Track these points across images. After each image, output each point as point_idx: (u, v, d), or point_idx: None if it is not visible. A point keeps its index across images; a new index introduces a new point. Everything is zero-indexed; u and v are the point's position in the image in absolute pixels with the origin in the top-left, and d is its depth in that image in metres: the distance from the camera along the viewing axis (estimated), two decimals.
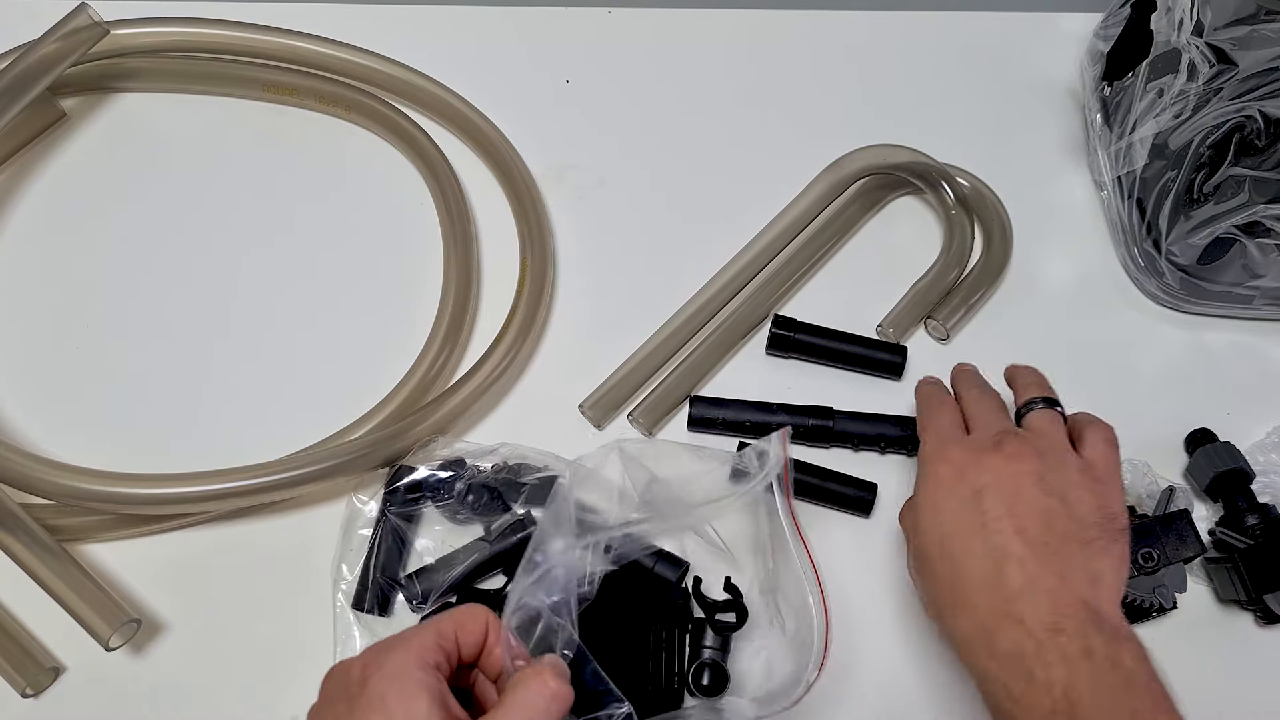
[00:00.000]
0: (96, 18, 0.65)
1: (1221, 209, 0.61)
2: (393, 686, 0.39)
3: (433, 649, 0.41)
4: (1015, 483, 0.48)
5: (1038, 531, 0.46)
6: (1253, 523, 0.57)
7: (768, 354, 0.65)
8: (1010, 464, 0.48)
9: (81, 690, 0.54)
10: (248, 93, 0.72)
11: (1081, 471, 0.49)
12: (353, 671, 0.41)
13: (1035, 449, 0.49)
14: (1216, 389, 0.65)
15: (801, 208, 0.69)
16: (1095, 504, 0.48)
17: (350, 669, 0.41)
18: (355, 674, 0.41)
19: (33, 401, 0.62)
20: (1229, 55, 0.58)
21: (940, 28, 0.78)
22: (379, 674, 0.40)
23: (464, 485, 0.57)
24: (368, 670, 0.40)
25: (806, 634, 0.51)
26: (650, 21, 0.77)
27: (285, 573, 0.57)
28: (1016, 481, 0.48)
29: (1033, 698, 0.42)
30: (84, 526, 0.57)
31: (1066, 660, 0.42)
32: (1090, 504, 0.48)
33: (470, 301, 0.64)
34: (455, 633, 0.43)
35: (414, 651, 0.41)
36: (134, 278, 0.66)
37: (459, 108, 0.71)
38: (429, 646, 0.41)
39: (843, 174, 0.69)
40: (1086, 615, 0.44)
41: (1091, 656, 0.42)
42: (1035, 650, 0.43)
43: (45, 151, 0.70)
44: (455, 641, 0.43)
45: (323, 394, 0.62)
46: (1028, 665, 0.43)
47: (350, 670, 0.41)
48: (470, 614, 0.44)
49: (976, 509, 0.47)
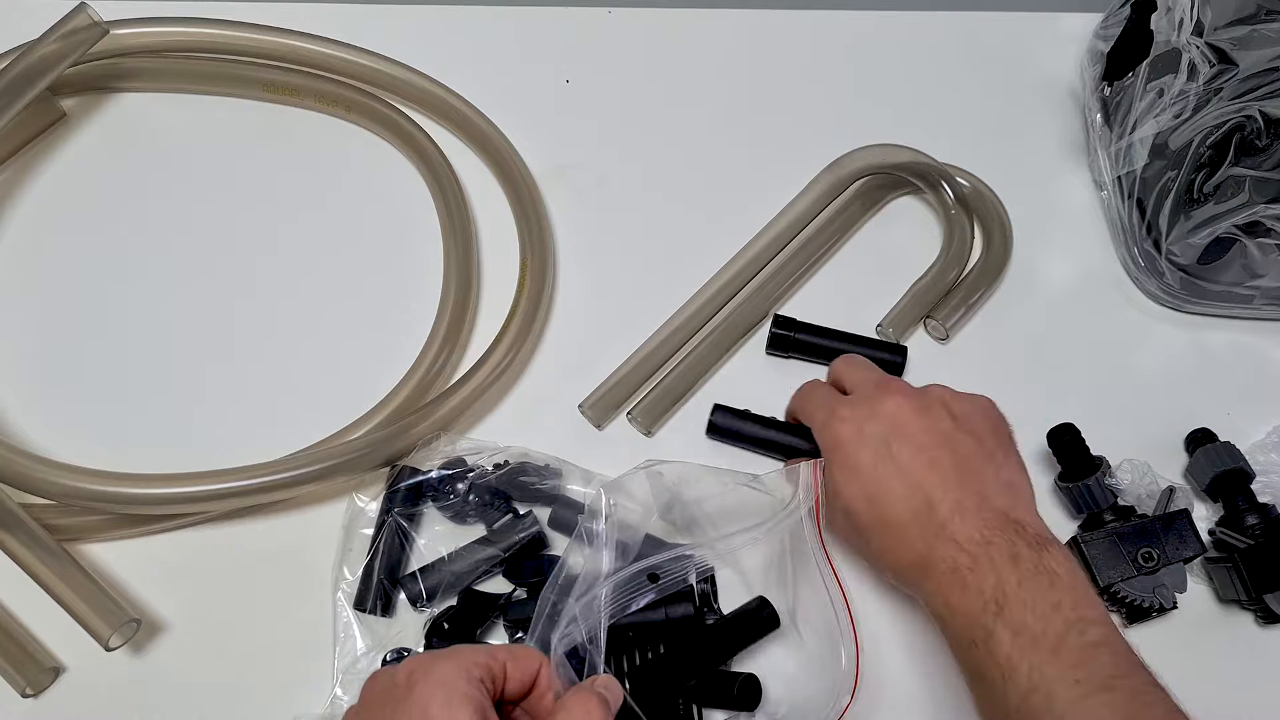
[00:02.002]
0: (96, 18, 0.65)
1: (1221, 209, 0.61)
2: (437, 694, 0.39)
3: (481, 666, 0.41)
4: (910, 421, 0.52)
5: (948, 460, 0.50)
6: (1253, 523, 0.57)
7: (768, 354, 0.65)
8: (900, 404, 0.52)
9: (81, 690, 0.54)
10: (248, 93, 0.72)
11: (951, 394, 0.54)
12: (398, 676, 0.41)
13: (909, 387, 0.55)
14: (1216, 389, 0.65)
15: (801, 207, 0.69)
16: (980, 414, 0.53)
17: (396, 674, 0.41)
18: (401, 679, 0.41)
19: (33, 402, 0.62)
20: (1229, 55, 0.58)
21: (940, 28, 0.78)
22: (425, 681, 0.40)
23: (466, 485, 0.57)
24: (414, 676, 0.40)
25: (830, 657, 0.51)
26: (650, 21, 0.77)
27: (285, 573, 0.57)
28: (911, 419, 0.52)
29: (967, 602, 0.47)
30: (84, 526, 0.57)
31: (995, 566, 0.47)
32: (976, 415, 0.53)
33: (470, 301, 0.64)
34: (506, 662, 0.43)
35: (462, 664, 0.41)
36: (134, 277, 0.66)
37: (459, 108, 0.71)
38: (478, 663, 0.41)
39: (842, 173, 0.69)
40: (1011, 526, 0.48)
41: (1018, 561, 0.47)
42: (969, 563, 0.47)
43: (45, 151, 0.70)
44: (504, 670, 0.43)
45: (323, 394, 0.62)
46: (962, 576, 0.47)
47: (396, 675, 0.41)
48: (525, 652, 0.44)
49: (887, 455, 0.51)
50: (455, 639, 0.54)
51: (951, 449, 0.51)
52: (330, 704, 0.53)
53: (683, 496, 0.55)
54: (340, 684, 0.53)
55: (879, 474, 0.51)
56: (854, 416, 0.53)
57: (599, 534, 0.51)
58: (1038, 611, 0.45)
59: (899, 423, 0.52)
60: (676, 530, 0.57)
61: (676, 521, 0.57)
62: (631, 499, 0.54)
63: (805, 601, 0.55)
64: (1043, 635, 0.44)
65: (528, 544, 0.56)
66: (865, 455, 0.52)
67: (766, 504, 0.54)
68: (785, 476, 0.54)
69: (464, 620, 0.54)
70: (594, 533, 0.51)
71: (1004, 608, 0.45)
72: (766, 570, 0.57)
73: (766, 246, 0.67)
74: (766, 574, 0.57)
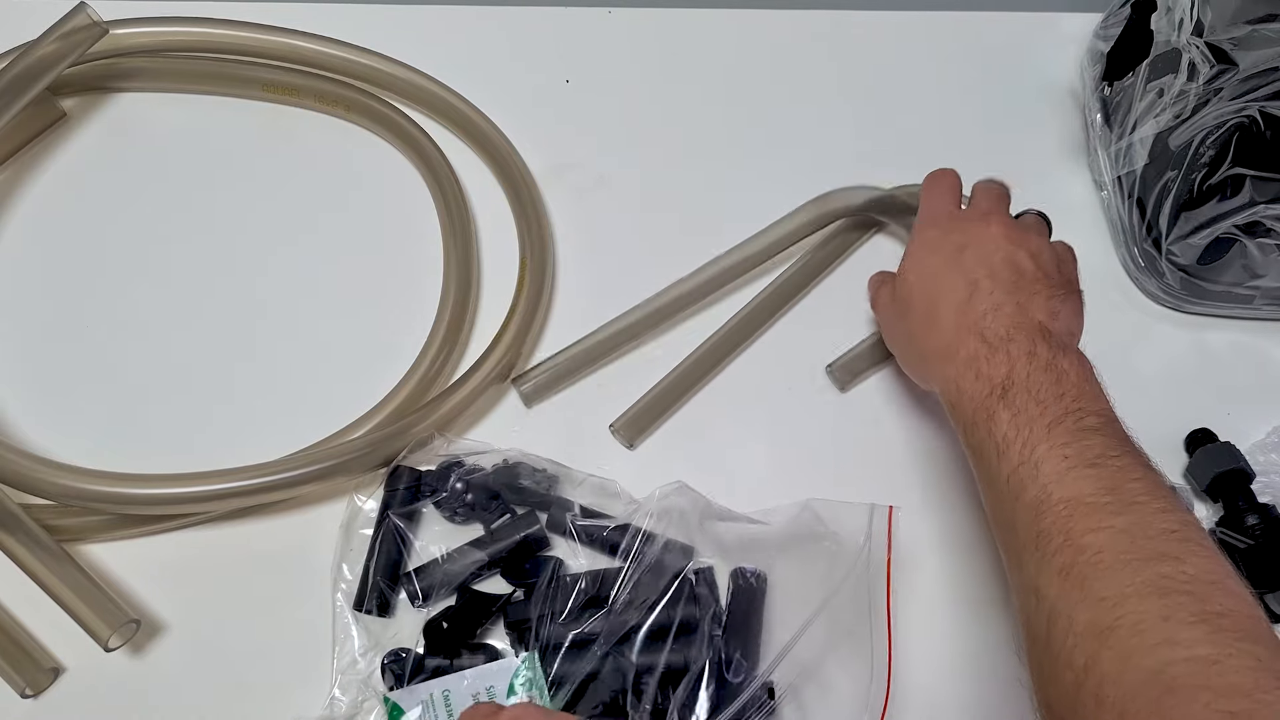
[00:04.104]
0: (96, 17, 0.65)
1: (1221, 209, 0.61)
2: None
3: None
4: (993, 241, 0.54)
5: (1008, 274, 0.53)
6: (1253, 523, 0.57)
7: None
8: (990, 229, 0.55)
9: (81, 690, 0.54)
10: (247, 93, 0.72)
11: (1052, 247, 0.56)
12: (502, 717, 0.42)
13: (1016, 223, 0.57)
14: (1216, 389, 0.65)
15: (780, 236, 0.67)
16: (1057, 265, 0.55)
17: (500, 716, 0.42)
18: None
19: (33, 402, 0.62)
20: (1229, 55, 0.58)
21: (940, 28, 0.78)
22: None
23: (464, 485, 0.57)
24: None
25: (854, 689, 0.51)
26: (650, 21, 0.77)
27: (285, 573, 0.57)
28: (994, 240, 0.54)
29: (978, 388, 0.49)
30: (84, 526, 0.57)
31: (1010, 359, 0.49)
32: (1054, 264, 0.54)
33: (470, 301, 0.64)
34: None
35: None
36: (134, 277, 0.66)
37: (459, 107, 0.71)
38: None
39: (825, 213, 0.68)
40: (1038, 330, 0.50)
41: (1033, 357, 0.48)
42: (987, 353, 0.49)
43: (45, 151, 0.70)
44: None
45: (323, 394, 0.62)
46: (978, 365, 0.49)
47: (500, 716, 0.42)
48: None
49: (956, 259, 0.54)
50: (453, 639, 0.54)
51: (1016, 270, 0.53)
52: (329, 704, 0.53)
53: (703, 522, 0.56)
54: (339, 685, 0.53)
55: (941, 268, 0.54)
56: (948, 225, 0.57)
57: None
58: (1039, 398, 0.47)
59: (981, 241, 0.54)
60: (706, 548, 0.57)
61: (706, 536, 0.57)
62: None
63: (839, 640, 0.53)
64: (1039, 417, 0.46)
65: (527, 545, 0.56)
66: (936, 258, 0.55)
67: (786, 535, 0.54)
68: (850, 512, 0.54)
69: (462, 620, 0.54)
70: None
71: (1008, 392, 0.47)
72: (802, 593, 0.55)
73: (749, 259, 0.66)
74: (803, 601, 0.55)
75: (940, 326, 0.53)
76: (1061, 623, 0.40)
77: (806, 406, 0.63)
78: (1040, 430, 0.45)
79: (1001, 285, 0.52)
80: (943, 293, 0.53)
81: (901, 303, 0.56)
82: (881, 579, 0.53)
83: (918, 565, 0.57)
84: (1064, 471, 0.44)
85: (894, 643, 0.52)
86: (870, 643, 0.52)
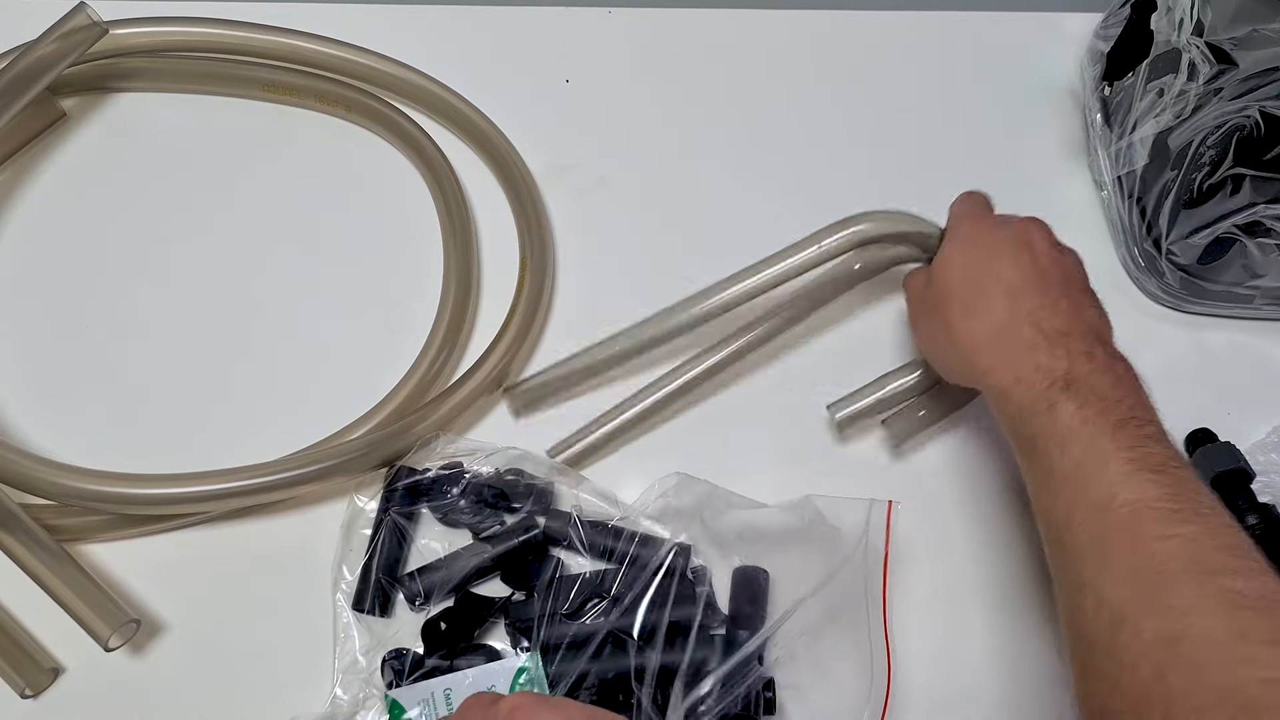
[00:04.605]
0: (95, 17, 0.65)
1: (1221, 209, 0.61)
2: None
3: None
4: (1040, 242, 0.54)
5: (1057, 274, 0.53)
6: (1253, 523, 0.57)
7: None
8: (1034, 230, 0.55)
9: (81, 690, 0.54)
10: (248, 93, 0.72)
11: (1078, 261, 0.56)
12: (501, 707, 0.41)
13: (1053, 242, 0.56)
14: (1216, 389, 0.65)
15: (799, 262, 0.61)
16: (1085, 273, 0.55)
17: (499, 704, 0.41)
18: (503, 711, 0.41)
19: (33, 402, 0.62)
20: (1229, 55, 0.58)
21: (940, 28, 0.78)
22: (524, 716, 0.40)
23: (464, 485, 0.57)
24: (515, 715, 0.40)
25: (855, 686, 0.51)
26: (650, 21, 0.77)
27: (285, 573, 0.57)
28: (1041, 241, 0.54)
29: (1036, 376, 0.48)
30: (84, 526, 0.57)
31: (1070, 355, 0.48)
32: (1086, 276, 0.55)
33: (470, 301, 0.64)
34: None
35: (566, 715, 0.40)
36: (133, 277, 0.66)
37: (459, 107, 0.71)
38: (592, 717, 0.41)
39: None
40: (1093, 333, 0.50)
41: (1092, 357, 0.48)
42: (1047, 346, 0.49)
43: (45, 151, 0.70)
44: None
45: (323, 394, 0.62)
46: (1037, 357, 0.49)
47: (499, 705, 0.41)
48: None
49: (1005, 251, 0.54)
50: (452, 639, 0.54)
51: (1061, 269, 0.53)
52: (330, 704, 0.53)
53: (703, 516, 0.55)
54: (340, 684, 0.53)
55: (989, 256, 0.54)
56: (988, 219, 0.57)
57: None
58: (1104, 395, 0.46)
59: (1029, 239, 0.54)
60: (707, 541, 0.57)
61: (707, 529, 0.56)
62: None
63: (839, 635, 0.53)
64: (1104, 414, 0.45)
65: (527, 547, 0.56)
66: (978, 250, 0.55)
67: (785, 528, 0.54)
68: (850, 507, 0.53)
69: (461, 621, 0.54)
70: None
71: (1071, 384, 0.47)
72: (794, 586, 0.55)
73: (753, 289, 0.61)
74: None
75: (989, 313, 0.52)
76: (1128, 628, 0.40)
77: (806, 407, 0.63)
78: (1105, 428, 0.45)
79: (1053, 284, 0.52)
80: (991, 281, 0.53)
81: (939, 290, 0.55)
82: (878, 573, 0.53)
83: (915, 560, 0.57)
84: (1130, 474, 0.43)
85: (892, 637, 0.52)
86: (869, 637, 0.52)
